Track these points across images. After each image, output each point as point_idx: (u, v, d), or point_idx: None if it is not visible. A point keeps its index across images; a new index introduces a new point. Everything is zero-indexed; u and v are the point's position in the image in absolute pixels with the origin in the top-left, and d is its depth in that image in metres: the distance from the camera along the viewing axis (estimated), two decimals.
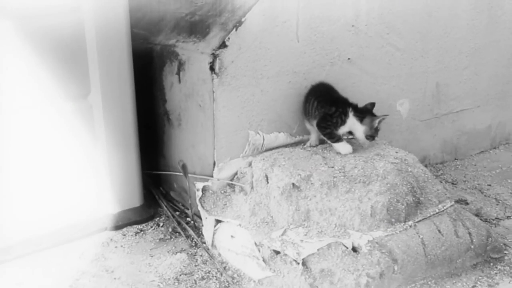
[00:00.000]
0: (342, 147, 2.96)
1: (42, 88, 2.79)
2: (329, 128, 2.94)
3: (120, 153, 3.09)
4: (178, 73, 3.10)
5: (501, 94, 4.24)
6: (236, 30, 2.82)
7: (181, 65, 3.06)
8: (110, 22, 2.88)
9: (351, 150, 2.96)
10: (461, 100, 4.00)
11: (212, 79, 2.83)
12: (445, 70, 3.82)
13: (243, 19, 2.83)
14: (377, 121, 2.94)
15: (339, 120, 2.93)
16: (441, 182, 3.68)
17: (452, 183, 3.75)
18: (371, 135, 2.97)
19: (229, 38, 2.82)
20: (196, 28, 3.08)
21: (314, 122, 2.99)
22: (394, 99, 3.58)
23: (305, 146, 3.11)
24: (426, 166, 3.87)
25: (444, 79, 3.84)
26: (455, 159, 4.15)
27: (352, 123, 2.94)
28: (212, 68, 2.82)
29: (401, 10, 3.43)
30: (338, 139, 2.96)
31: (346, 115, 2.93)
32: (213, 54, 2.82)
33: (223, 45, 2.82)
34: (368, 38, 3.33)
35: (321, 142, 3.12)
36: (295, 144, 3.17)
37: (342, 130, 2.95)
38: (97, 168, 3.06)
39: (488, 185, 3.73)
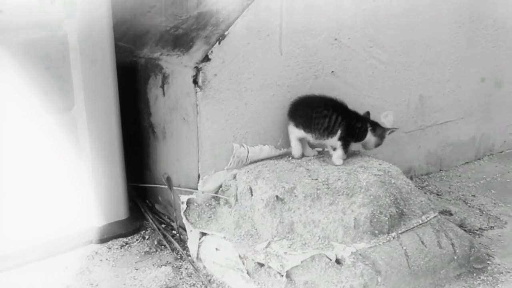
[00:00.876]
0: (341, 160, 3.03)
1: (27, 101, 2.79)
2: (353, 140, 3.06)
3: (105, 165, 3.09)
4: (162, 86, 3.11)
5: (484, 106, 4.27)
6: (219, 43, 2.84)
7: (165, 78, 3.07)
8: (94, 35, 2.89)
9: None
10: (444, 112, 4.03)
11: (196, 92, 2.84)
12: (428, 82, 3.85)
13: (226, 33, 2.85)
14: (387, 132, 3.12)
15: (364, 135, 3.06)
16: (425, 193, 3.70)
17: (437, 194, 3.77)
18: (379, 144, 3.13)
19: (212, 52, 2.83)
20: (180, 41, 3.10)
21: (330, 137, 3.01)
22: (379, 111, 3.59)
23: (289, 158, 3.13)
24: (411, 177, 3.91)
25: (427, 92, 3.87)
26: (440, 170, 4.18)
27: (368, 137, 3.07)
28: (195, 81, 2.83)
29: (384, 24, 3.47)
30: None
31: (367, 131, 3.06)
32: (196, 67, 2.83)
33: (206, 58, 2.83)
34: (351, 51, 3.35)
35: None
36: (280, 156, 3.17)
37: (361, 143, 3.10)
38: (82, 181, 3.05)
39: (472, 195, 3.75)
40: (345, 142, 3.00)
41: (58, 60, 2.83)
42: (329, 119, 2.97)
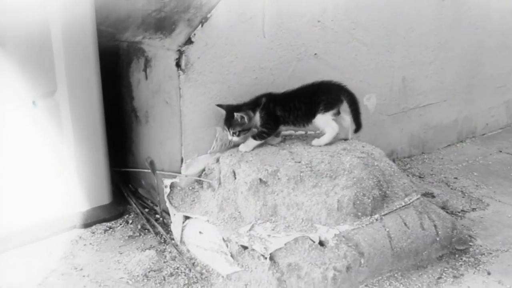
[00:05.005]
0: None
1: (8, 86, 2.76)
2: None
3: (88, 150, 3.07)
4: (145, 70, 3.09)
5: (467, 88, 4.30)
6: (202, 26, 2.82)
7: (147, 62, 3.05)
8: (76, 19, 2.86)
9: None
10: (427, 94, 4.05)
11: (179, 76, 2.83)
12: (411, 65, 3.86)
13: (208, 15, 2.84)
14: None
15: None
16: (408, 175, 3.73)
17: (419, 177, 3.79)
18: None
19: (195, 34, 2.82)
20: (162, 24, 3.08)
21: None
22: (361, 93, 3.58)
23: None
24: (393, 160, 3.93)
25: (410, 74, 3.88)
26: (423, 153, 4.21)
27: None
28: (178, 65, 2.82)
29: (367, 6, 3.47)
30: None
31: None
32: (179, 50, 2.82)
33: (189, 41, 2.81)
34: (334, 33, 3.35)
35: None
36: None
37: None
38: (65, 166, 3.04)
39: (454, 178, 3.78)
40: None
41: (40, 45, 2.80)
42: None
